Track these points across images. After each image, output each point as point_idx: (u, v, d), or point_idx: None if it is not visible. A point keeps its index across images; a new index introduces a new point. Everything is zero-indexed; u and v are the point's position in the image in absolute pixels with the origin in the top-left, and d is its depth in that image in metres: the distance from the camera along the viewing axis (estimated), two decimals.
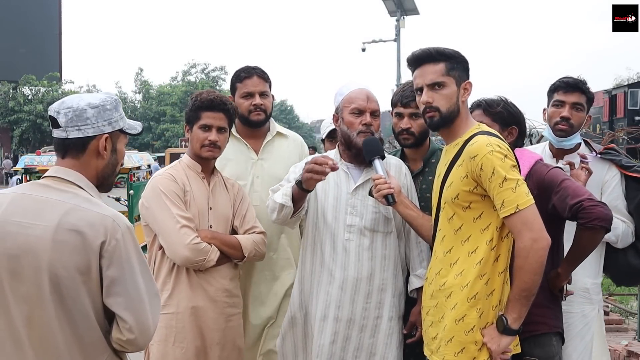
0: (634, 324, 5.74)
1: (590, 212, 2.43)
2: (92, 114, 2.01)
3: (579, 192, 2.50)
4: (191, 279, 2.88)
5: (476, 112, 2.75)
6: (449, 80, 2.41)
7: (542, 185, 2.59)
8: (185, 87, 40.76)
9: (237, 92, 3.31)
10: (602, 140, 10.38)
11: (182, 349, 2.86)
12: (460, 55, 2.45)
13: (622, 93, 25.12)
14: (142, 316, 1.96)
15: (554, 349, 2.60)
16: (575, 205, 2.46)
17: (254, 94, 3.27)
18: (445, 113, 2.42)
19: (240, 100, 3.29)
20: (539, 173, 2.62)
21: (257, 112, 3.28)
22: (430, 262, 2.54)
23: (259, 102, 3.27)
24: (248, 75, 3.29)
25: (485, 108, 2.74)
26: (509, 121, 2.72)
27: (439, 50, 2.44)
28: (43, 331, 1.90)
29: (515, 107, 2.78)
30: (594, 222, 2.44)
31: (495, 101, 2.75)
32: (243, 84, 3.29)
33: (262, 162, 3.34)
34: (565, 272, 2.63)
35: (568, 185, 2.54)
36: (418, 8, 20.88)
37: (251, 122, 3.30)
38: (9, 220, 1.92)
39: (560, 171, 2.66)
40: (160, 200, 2.84)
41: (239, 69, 3.36)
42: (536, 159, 2.69)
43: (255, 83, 3.29)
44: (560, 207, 2.53)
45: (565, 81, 3.06)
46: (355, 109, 2.86)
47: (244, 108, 3.28)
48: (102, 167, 2.06)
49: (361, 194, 2.87)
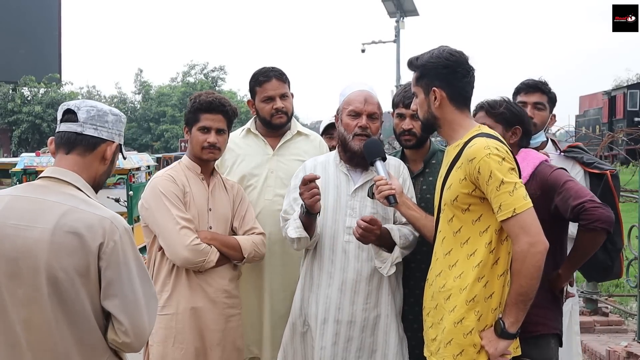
0: (633, 325, 5.73)
1: (592, 213, 2.43)
2: (111, 120, 2.08)
3: (581, 194, 2.50)
4: (191, 280, 2.89)
5: (479, 114, 2.76)
6: (417, 90, 2.48)
7: (545, 186, 2.59)
8: (184, 87, 40.78)
9: (257, 97, 3.32)
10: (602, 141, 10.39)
11: (182, 350, 2.87)
12: (431, 62, 2.42)
13: (622, 94, 25.16)
14: (138, 319, 1.96)
15: (551, 351, 2.60)
16: (577, 207, 2.46)
17: (274, 97, 3.28)
18: (422, 121, 2.52)
19: (262, 104, 3.30)
20: (543, 174, 2.62)
21: (279, 116, 3.30)
22: (431, 263, 2.54)
23: (280, 106, 3.29)
24: (267, 79, 3.29)
25: (487, 110, 2.74)
26: (512, 121, 2.72)
27: (410, 60, 2.50)
28: (42, 334, 1.89)
29: (518, 106, 2.80)
30: (596, 224, 2.44)
31: (497, 102, 2.75)
32: (263, 88, 3.29)
33: (278, 157, 3.35)
34: (565, 274, 2.62)
35: (571, 187, 2.54)
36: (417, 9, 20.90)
37: (274, 125, 3.32)
38: (6, 222, 1.91)
39: (564, 172, 2.66)
40: (160, 202, 2.85)
41: (257, 72, 3.35)
42: (541, 160, 2.69)
43: (274, 86, 3.29)
44: (562, 208, 2.53)
45: (526, 83, 3.25)
46: (352, 111, 2.86)
47: (265, 112, 3.30)
48: (101, 172, 2.09)
49: (360, 195, 2.87)
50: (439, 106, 2.42)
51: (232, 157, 3.34)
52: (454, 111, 2.43)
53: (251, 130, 3.40)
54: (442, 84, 2.41)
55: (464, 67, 2.42)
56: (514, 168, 2.31)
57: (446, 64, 2.40)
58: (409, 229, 2.82)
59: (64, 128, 2.04)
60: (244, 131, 3.45)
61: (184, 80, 42.55)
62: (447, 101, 2.42)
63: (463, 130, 2.43)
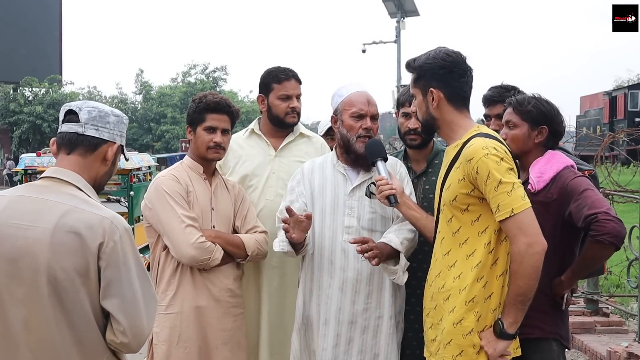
0: (634, 326, 5.72)
1: (604, 226, 2.41)
2: (113, 121, 2.09)
3: (597, 204, 2.47)
4: (195, 279, 2.91)
5: (507, 111, 2.73)
6: (415, 92, 2.49)
7: (564, 191, 2.56)
8: (185, 88, 40.78)
9: (273, 93, 3.33)
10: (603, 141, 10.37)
11: (186, 348, 2.88)
12: (427, 63, 2.43)
13: (623, 94, 25.13)
14: (136, 319, 1.95)
15: (553, 354, 2.59)
16: (590, 217, 2.44)
17: (292, 97, 3.32)
18: (421, 122, 2.53)
19: (277, 101, 3.32)
20: (564, 179, 2.59)
21: (292, 115, 3.34)
22: (431, 263, 2.54)
23: (297, 106, 3.34)
24: (287, 78, 3.33)
25: (515, 106, 2.70)
26: (539, 120, 2.65)
27: (408, 62, 2.52)
28: (41, 334, 1.90)
29: (548, 105, 2.70)
30: (605, 237, 2.42)
31: (526, 99, 2.69)
32: (282, 86, 3.32)
33: (280, 158, 3.37)
34: (568, 281, 2.61)
35: (589, 196, 2.51)
36: (418, 9, 20.95)
37: (286, 124, 3.36)
38: (6, 222, 1.91)
39: (586, 180, 2.60)
40: (164, 201, 2.87)
41: (276, 70, 3.39)
42: (566, 165, 2.63)
43: (294, 86, 3.34)
44: (576, 215, 2.50)
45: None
46: (356, 112, 2.85)
47: (280, 110, 3.32)
48: (102, 173, 2.10)
49: (358, 195, 2.86)
50: (437, 107, 2.42)
51: (234, 157, 3.36)
52: (452, 111, 2.43)
53: (255, 131, 3.43)
54: (439, 84, 2.41)
55: (461, 67, 2.42)
56: (513, 168, 2.30)
57: (443, 65, 2.40)
58: (407, 228, 2.80)
59: (66, 129, 2.05)
60: (247, 132, 3.47)
61: (185, 81, 42.56)
62: (445, 101, 2.42)
63: (462, 130, 2.43)
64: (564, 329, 2.67)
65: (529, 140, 2.67)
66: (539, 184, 2.60)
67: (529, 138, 2.67)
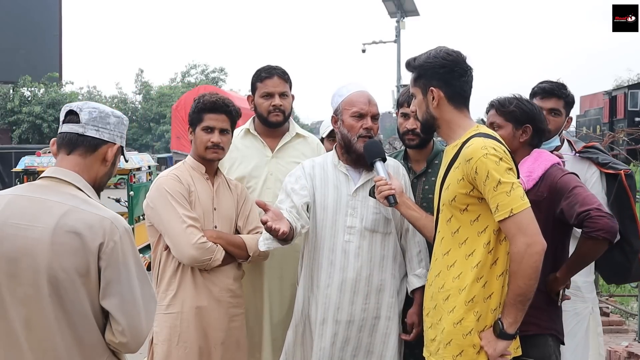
0: (634, 325, 5.73)
1: (596, 222, 2.43)
2: (113, 122, 2.09)
3: (588, 201, 2.49)
4: (196, 279, 2.91)
5: (491, 112, 2.77)
6: (415, 91, 2.49)
7: (553, 188, 2.59)
8: (184, 88, 40.76)
9: (257, 92, 3.32)
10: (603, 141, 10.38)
11: (186, 348, 2.88)
12: (428, 62, 2.43)
13: (623, 94, 25.10)
14: (135, 319, 1.96)
15: (550, 349, 2.60)
16: (582, 214, 2.46)
17: (273, 94, 3.29)
18: (421, 121, 2.51)
19: (260, 100, 3.31)
20: (553, 177, 2.62)
21: (275, 113, 3.30)
22: (430, 263, 2.53)
23: (278, 103, 3.29)
24: (269, 75, 3.30)
25: (497, 108, 2.74)
26: (522, 119, 2.70)
27: (408, 61, 2.51)
28: (42, 333, 1.90)
29: (530, 104, 2.75)
30: (598, 233, 2.43)
31: (508, 100, 2.74)
32: (263, 84, 3.30)
33: (277, 160, 3.35)
34: (563, 277, 2.62)
35: (579, 193, 2.53)
36: (418, 9, 20.92)
37: (269, 122, 3.32)
38: (6, 222, 1.92)
39: (574, 177, 2.64)
40: (165, 201, 2.87)
41: (260, 68, 3.36)
42: (553, 162, 2.68)
43: (275, 83, 3.30)
44: (568, 213, 2.52)
45: (542, 87, 3.15)
46: (357, 112, 2.85)
47: (263, 108, 3.30)
48: (102, 174, 2.10)
49: (361, 195, 2.86)
50: (437, 106, 2.42)
51: (230, 158, 3.33)
52: (452, 111, 2.43)
53: (250, 130, 3.41)
54: (439, 83, 2.41)
55: (461, 67, 2.42)
56: (512, 168, 2.30)
57: (443, 64, 2.40)
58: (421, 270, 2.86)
59: (66, 129, 2.05)
60: (242, 131, 3.44)
61: (184, 81, 42.54)
62: (445, 101, 2.42)
63: (461, 130, 2.43)
64: (560, 324, 2.69)
65: (514, 139, 2.70)
66: (529, 183, 2.63)
67: (514, 138, 2.70)
